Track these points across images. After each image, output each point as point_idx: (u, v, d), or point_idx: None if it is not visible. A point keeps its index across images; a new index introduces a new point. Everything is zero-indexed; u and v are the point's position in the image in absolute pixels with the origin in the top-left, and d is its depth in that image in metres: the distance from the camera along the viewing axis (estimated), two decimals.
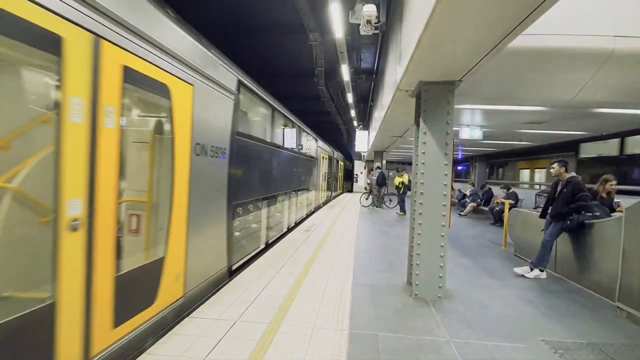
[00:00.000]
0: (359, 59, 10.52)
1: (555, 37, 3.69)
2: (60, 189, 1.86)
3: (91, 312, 2.09)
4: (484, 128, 8.15)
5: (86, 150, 2.01)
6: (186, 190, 3.14)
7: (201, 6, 7.54)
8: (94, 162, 2.07)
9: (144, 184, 3.06)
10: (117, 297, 2.31)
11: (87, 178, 2.03)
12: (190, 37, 3.17)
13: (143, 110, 3.17)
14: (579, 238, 4.38)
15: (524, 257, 5.50)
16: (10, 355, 1.69)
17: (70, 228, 1.91)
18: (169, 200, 2.93)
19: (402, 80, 3.92)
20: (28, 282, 2.03)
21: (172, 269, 2.95)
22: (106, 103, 2.15)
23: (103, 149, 2.13)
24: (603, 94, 4.74)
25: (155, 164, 3.09)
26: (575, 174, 4.56)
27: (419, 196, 3.72)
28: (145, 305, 2.65)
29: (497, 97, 5.30)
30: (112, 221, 2.24)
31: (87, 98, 2.01)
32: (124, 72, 2.29)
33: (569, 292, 4.08)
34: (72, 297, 1.96)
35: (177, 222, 3.04)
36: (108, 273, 2.23)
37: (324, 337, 2.70)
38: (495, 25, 2.44)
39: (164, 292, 2.85)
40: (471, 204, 11.64)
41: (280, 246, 5.89)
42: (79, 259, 2.00)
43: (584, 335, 2.95)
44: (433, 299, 3.64)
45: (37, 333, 1.80)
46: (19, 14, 1.63)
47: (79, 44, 1.94)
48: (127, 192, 2.99)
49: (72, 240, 1.94)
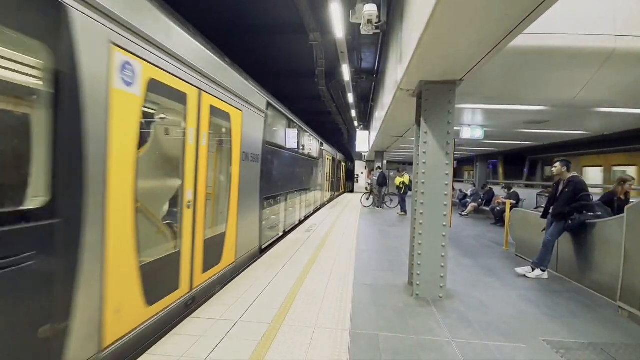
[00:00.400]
0: (359, 59, 10.52)
1: (556, 37, 3.68)
2: (184, 183, 3.12)
3: (194, 260, 3.32)
4: (485, 128, 8.14)
5: (194, 159, 3.24)
6: (237, 186, 4.44)
7: (202, 5, 7.54)
8: (197, 167, 3.29)
9: (216, 181, 4.26)
10: (205, 253, 3.53)
11: (194, 176, 3.25)
12: (242, 78, 4.50)
13: (216, 131, 4.04)
14: (581, 238, 4.37)
15: (525, 257, 5.49)
16: (161, 276, 2.86)
17: (187, 206, 3.16)
18: (228, 193, 4.26)
19: (402, 80, 3.92)
20: (170, 238, 3.27)
21: (229, 241, 4.25)
22: (202, 129, 3.37)
23: (201, 158, 3.35)
24: (604, 93, 4.73)
25: (221, 167, 4.33)
26: (577, 174, 4.55)
27: (420, 196, 3.72)
28: (217, 263, 3.89)
29: (498, 96, 5.30)
30: (204, 204, 3.49)
31: (195, 127, 3.23)
32: (210, 109, 3.53)
33: (570, 292, 4.07)
34: (187, 249, 3.18)
35: (232, 208, 4.34)
36: (201, 237, 3.46)
37: (325, 337, 2.70)
38: (496, 25, 2.44)
39: (225, 256, 4.11)
40: (472, 204, 11.63)
41: (281, 246, 5.89)
42: (189, 226, 3.23)
43: (586, 335, 2.94)
44: (434, 298, 3.63)
45: (172, 267, 3.01)
46: (172, 85, 2.85)
47: (192, 96, 3.17)
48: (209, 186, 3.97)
49: (188, 214, 3.18)
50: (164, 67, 2.69)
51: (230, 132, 4.18)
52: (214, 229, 4.02)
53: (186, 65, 3.00)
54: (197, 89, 3.20)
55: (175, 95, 2.94)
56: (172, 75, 2.80)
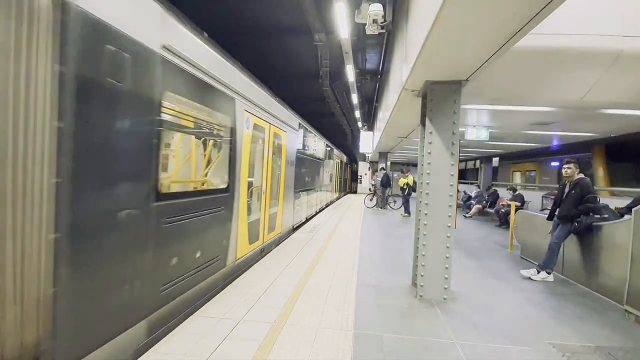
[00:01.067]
0: (364, 60, 10.49)
1: (563, 37, 3.65)
2: (263, 179, 5.36)
3: (265, 225, 5.50)
4: (490, 129, 8.08)
5: (266, 165, 5.49)
6: (284, 182, 6.78)
7: (207, 7, 7.58)
8: (267, 169, 5.52)
9: (274, 178, 6.22)
10: (269, 223, 5.79)
11: (266, 175, 5.48)
12: (287, 109, 6.82)
13: (274, 147, 6.04)
14: (587, 240, 4.32)
15: (530, 260, 5.44)
16: (254, 230, 4.98)
17: (263, 193, 5.33)
18: (279, 187, 6.52)
19: (408, 80, 3.90)
20: (257, 210, 5.21)
21: (279, 217, 6.50)
22: (269, 146, 5.54)
23: (269, 164, 5.57)
24: (612, 94, 4.67)
25: (276, 170, 6.30)
26: (584, 175, 4.50)
27: (424, 196, 3.70)
28: (273, 230, 6.13)
29: (503, 97, 5.25)
30: (269, 193, 5.70)
31: (267, 145, 5.43)
32: (273, 134, 5.75)
33: (576, 295, 4.03)
34: (263, 218, 5.33)
35: (281, 197, 6.61)
36: (267, 212, 5.63)
37: (328, 338, 2.68)
38: (504, 24, 2.42)
39: (277, 226, 6.37)
40: (476, 205, 11.56)
41: (285, 246, 5.89)
42: (264, 205, 5.42)
43: (592, 339, 2.91)
44: (438, 300, 3.61)
45: (257, 226, 5.16)
46: (260, 124, 5.00)
47: (267, 128, 5.40)
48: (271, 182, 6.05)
49: (263, 198, 5.37)
50: (258, 115, 4.92)
51: (280, 146, 6.49)
52: (273, 208, 6.15)
53: (266, 112, 5.28)
54: (268, 124, 5.49)
55: (260, 129, 5.14)
56: (260, 119, 5.02)
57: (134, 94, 2.27)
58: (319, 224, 8.57)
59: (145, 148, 2.43)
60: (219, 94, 3.57)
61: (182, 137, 4.00)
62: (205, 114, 3.59)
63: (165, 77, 2.59)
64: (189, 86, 3.01)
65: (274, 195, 6.13)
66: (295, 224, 7.91)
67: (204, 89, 3.27)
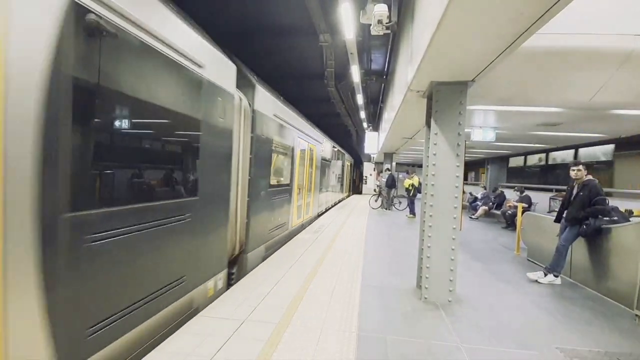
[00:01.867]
0: (369, 60, 10.47)
1: (572, 37, 3.59)
2: (304, 179, 8.49)
3: (307, 208, 8.88)
4: (496, 130, 8.00)
5: (309, 169, 8.98)
6: (314, 181, 9.84)
7: (212, 8, 7.62)
8: (309, 172, 8.96)
9: (311, 179, 9.30)
10: (307, 208, 8.83)
11: (309, 177, 9.02)
12: (317, 129, 10.22)
13: (313, 157, 9.23)
14: (596, 243, 4.24)
15: (537, 262, 5.37)
16: (301, 211, 8.17)
17: (303, 186, 8.34)
18: (311, 184, 9.33)
19: (413, 81, 3.88)
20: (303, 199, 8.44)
21: (310, 205, 9.38)
22: (314, 158, 9.58)
23: (310, 168, 9.09)
24: (622, 95, 4.59)
25: (311, 172, 9.17)
26: (592, 177, 4.42)
27: (429, 198, 3.67)
28: (307, 214, 8.90)
29: (510, 98, 5.19)
30: (307, 188, 8.78)
31: (313, 157, 9.41)
32: (313, 152, 9.29)
33: (584, 299, 3.96)
34: (303, 204, 8.31)
35: (312, 192, 9.53)
36: (306, 201, 8.66)
37: (332, 339, 2.67)
38: (511, 24, 2.39)
39: (310, 211, 9.31)
40: (483, 207, 11.45)
41: (289, 247, 5.89)
42: (305, 196, 8.54)
43: (601, 344, 2.85)
44: (443, 302, 3.57)
45: (303, 209, 8.38)
46: (309, 146, 8.79)
47: (313, 148, 9.27)
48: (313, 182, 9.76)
49: (304, 191, 8.48)
50: (309, 141, 8.42)
51: (313, 156, 9.29)
52: (308, 199, 8.99)
53: (312, 138, 8.76)
54: (314, 145, 9.12)
55: (309, 149, 8.46)
56: (309, 142, 8.40)
57: (269, 139, 5.23)
58: (323, 225, 8.56)
59: (269, 162, 5.30)
60: (290, 130, 6.62)
61: (276, 155, 5.92)
62: (285, 141, 6.32)
63: (275, 128, 5.51)
64: (280, 129, 5.85)
65: (309, 190, 9.10)
66: (319, 212, 11.32)
67: (285, 128, 6.19)
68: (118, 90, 2.07)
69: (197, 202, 3.03)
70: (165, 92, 2.54)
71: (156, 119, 2.53)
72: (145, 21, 2.23)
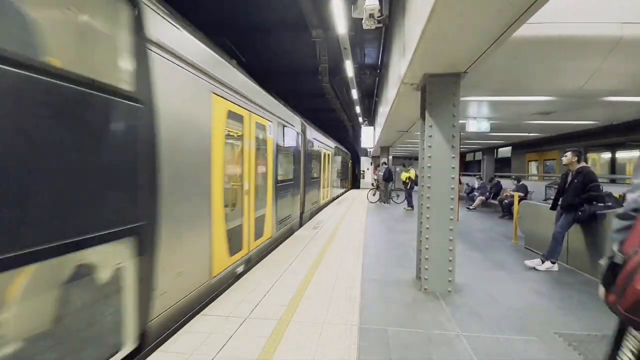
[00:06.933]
0: (362, 55, 10.44)
1: (561, 25, 3.60)
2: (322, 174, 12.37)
3: (322, 196, 12.66)
4: (491, 120, 8.04)
5: (329, 169, 14.17)
6: (331, 177, 14.88)
7: (204, 4, 7.55)
8: (324, 169, 12.78)
9: (329, 175, 13.95)
10: (328, 193, 14.01)
11: (326, 175, 13.50)
12: (330, 138, 14.73)
13: (328, 159, 13.47)
14: (591, 229, 4.30)
15: (535, 250, 5.43)
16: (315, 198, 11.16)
17: (324, 181, 13.05)
18: (330, 179, 14.49)
19: (406, 74, 3.89)
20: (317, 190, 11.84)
21: (322, 195, 12.44)
22: (330, 160, 14.38)
23: (328, 167, 13.89)
24: (612, 82, 4.63)
25: (326, 170, 13.24)
26: (586, 164, 4.47)
27: (426, 190, 3.70)
28: (327, 198, 13.71)
29: (504, 88, 5.22)
30: (331, 182, 15.04)
31: (329, 160, 14.09)
32: (333, 152, 14.71)
33: (582, 285, 4.02)
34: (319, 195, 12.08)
35: (328, 184, 13.98)
36: (327, 189, 13.86)
37: (333, 333, 2.71)
38: (499, 14, 2.40)
39: (322, 199, 12.52)
40: (480, 197, 11.52)
41: (289, 242, 5.92)
42: (327, 186, 13.83)
43: (599, 328, 2.91)
44: (443, 292, 3.62)
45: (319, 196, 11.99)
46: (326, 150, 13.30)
47: (329, 152, 13.77)
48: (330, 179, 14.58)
49: (326, 183, 13.49)
50: (327, 150, 12.95)
51: (328, 158, 13.22)
52: (327, 189, 13.40)
53: (328, 147, 13.14)
54: (331, 149, 14.22)
55: (328, 154, 13.24)
56: (327, 150, 13.09)
57: (311, 152, 9.63)
58: (322, 220, 8.59)
59: (310, 165, 9.58)
60: (319, 144, 10.51)
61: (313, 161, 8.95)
62: (316, 151, 9.98)
63: (314, 146, 10.13)
64: (315, 145, 10.07)
65: (329, 183, 13.39)
66: (333, 197, 15.21)
67: (318, 143, 10.22)
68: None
69: (294, 184, 7.49)
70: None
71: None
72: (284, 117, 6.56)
